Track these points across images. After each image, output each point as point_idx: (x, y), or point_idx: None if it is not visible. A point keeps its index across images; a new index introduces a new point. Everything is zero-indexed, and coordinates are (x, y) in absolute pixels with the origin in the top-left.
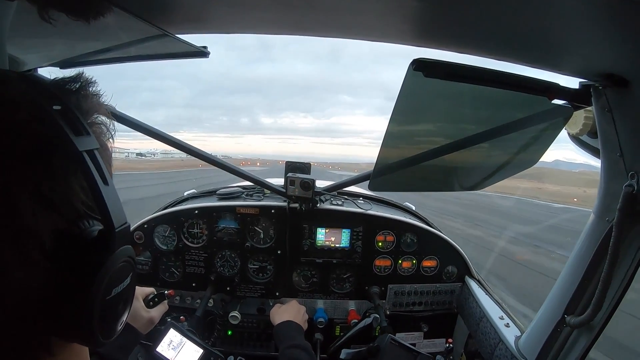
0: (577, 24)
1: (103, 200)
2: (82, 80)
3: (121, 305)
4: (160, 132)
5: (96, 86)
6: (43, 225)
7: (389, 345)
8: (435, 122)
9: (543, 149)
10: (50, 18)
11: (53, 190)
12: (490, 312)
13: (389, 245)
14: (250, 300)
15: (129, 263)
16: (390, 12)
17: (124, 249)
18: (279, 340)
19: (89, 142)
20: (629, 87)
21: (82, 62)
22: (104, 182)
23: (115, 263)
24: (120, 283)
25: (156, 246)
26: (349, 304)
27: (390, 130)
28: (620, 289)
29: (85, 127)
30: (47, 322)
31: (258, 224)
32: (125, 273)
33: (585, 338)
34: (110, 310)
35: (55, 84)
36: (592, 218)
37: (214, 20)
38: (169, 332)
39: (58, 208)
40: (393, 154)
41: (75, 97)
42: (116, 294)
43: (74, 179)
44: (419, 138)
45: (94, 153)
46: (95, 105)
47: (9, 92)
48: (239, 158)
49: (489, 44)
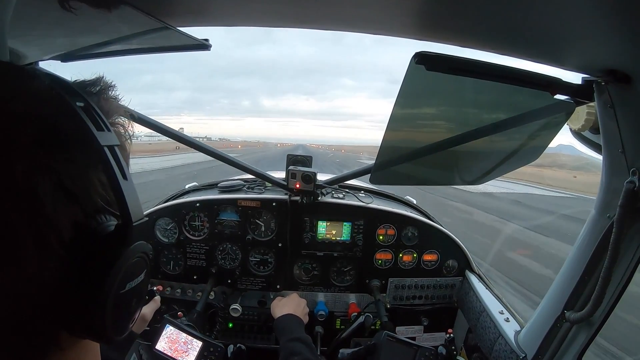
0: (580, 19)
1: (122, 194)
2: (101, 83)
3: (135, 300)
4: (179, 133)
5: (115, 90)
6: (63, 216)
7: (387, 342)
8: (437, 116)
9: (545, 144)
10: (72, 7)
11: (74, 182)
12: (490, 307)
13: (390, 239)
14: (251, 293)
15: (143, 259)
16: (393, 5)
17: (140, 244)
18: (280, 333)
19: (110, 137)
20: (631, 83)
21: (83, 55)
22: (124, 177)
23: (131, 257)
24: (134, 278)
25: (157, 239)
26: (349, 297)
27: (392, 124)
28: (620, 285)
29: (107, 124)
30: (59, 315)
31: (259, 216)
32: (140, 268)
33: (585, 334)
34: (124, 305)
35: (77, 85)
36: (593, 214)
37: (215, 13)
38: (166, 328)
39: (78, 200)
40: (395, 148)
41: (97, 97)
42: (130, 288)
43: (94, 172)
44: (421, 132)
45: (115, 149)
46: (115, 107)
47: (36, 85)
48: (237, 140)
49: (492, 38)
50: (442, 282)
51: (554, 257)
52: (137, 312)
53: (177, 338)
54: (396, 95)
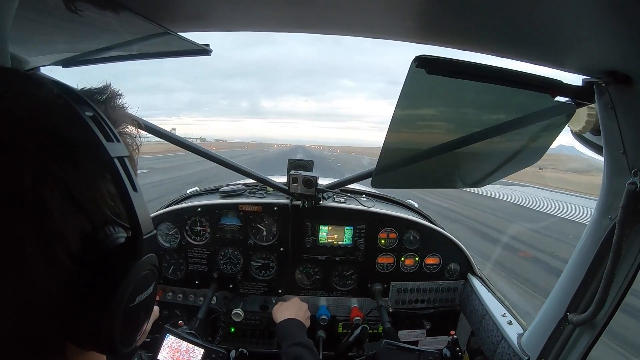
0: (581, 21)
1: (132, 207)
2: (109, 92)
3: (143, 313)
4: (186, 140)
5: (122, 98)
6: (71, 227)
7: (387, 351)
8: (437, 120)
9: (546, 145)
10: (78, 9)
11: (82, 193)
12: (492, 310)
13: (392, 243)
14: (253, 298)
15: (152, 271)
16: (392, 9)
17: (150, 256)
18: (281, 338)
19: (119, 149)
20: (632, 84)
21: (85, 61)
22: (134, 189)
23: (141, 270)
24: (144, 291)
25: (159, 244)
26: (351, 301)
27: (393, 127)
28: (623, 287)
29: (116, 135)
30: (65, 326)
31: (261, 221)
32: (150, 281)
33: (588, 336)
34: (132, 318)
35: (85, 93)
36: (595, 215)
37: (215, 18)
38: (166, 338)
39: (86, 211)
40: (395, 151)
41: (104, 106)
42: (139, 301)
43: (103, 184)
44: (422, 135)
45: (124, 160)
46: (122, 116)
47: (44, 93)
48: (235, 142)
49: (492, 41)
50: (444, 286)
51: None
52: (145, 324)
53: (179, 347)
54: (397, 97)
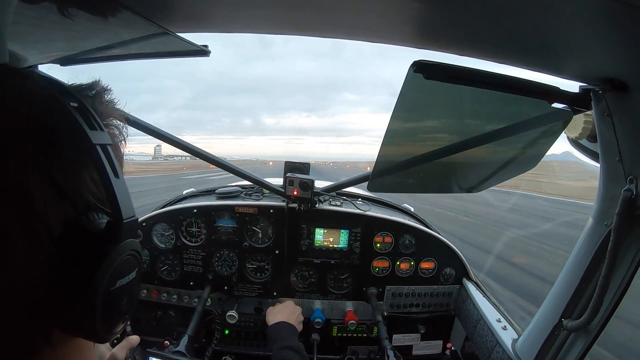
0: (578, 28)
1: (113, 192)
2: (98, 87)
3: (125, 299)
4: (170, 135)
5: (111, 94)
6: (53, 212)
7: None
8: (434, 124)
9: (542, 152)
10: (70, 14)
11: (65, 179)
12: (487, 315)
13: (387, 247)
14: (247, 300)
15: (134, 257)
16: (391, 14)
17: (130, 241)
18: (272, 341)
19: (103, 137)
20: (629, 91)
21: (82, 60)
22: (115, 175)
23: (121, 254)
24: (125, 275)
25: (154, 244)
26: (346, 304)
27: (390, 132)
28: (618, 293)
29: (100, 124)
30: (49, 311)
31: (256, 223)
32: (131, 266)
33: (582, 342)
34: (114, 302)
35: (73, 88)
36: (591, 222)
37: (215, 18)
38: None
39: (69, 197)
40: (392, 156)
41: (92, 100)
42: (120, 285)
43: (86, 170)
44: (418, 140)
45: (107, 148)
46: (110, 110)
47: (29, 85)
48: (235, 159)
49: (490, 47)
50: (439, 290)
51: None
52: (129, 312)
53: None
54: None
